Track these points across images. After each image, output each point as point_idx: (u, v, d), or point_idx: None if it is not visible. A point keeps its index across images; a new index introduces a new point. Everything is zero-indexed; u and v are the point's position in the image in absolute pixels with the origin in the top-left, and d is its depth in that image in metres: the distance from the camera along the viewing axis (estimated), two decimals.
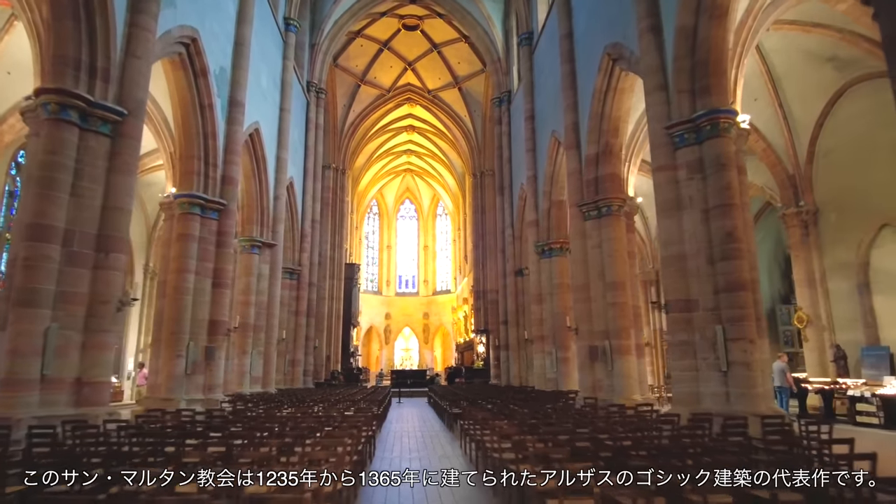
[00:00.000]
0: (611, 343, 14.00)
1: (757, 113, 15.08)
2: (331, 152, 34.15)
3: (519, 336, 23.74)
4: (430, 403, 21.42)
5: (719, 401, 9.05)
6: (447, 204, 52.19)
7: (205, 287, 13.67)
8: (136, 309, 23.11)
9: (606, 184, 14.80)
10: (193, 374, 13.05)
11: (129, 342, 23.26)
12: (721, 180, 9.57)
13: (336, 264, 33.38)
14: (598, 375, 14.19)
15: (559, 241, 19.39)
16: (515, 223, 24.58)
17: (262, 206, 18.97)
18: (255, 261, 18.66)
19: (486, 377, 30.90)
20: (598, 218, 14.81)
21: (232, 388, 17.55)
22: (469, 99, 36.00)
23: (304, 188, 24.52)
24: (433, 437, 11.96)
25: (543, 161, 19.98)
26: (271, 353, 18.95)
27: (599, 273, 14.55)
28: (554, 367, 18.71)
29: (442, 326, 50.92)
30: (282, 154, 20.30)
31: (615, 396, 13.54)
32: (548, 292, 19.39)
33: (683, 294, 9.79)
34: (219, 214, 14.23)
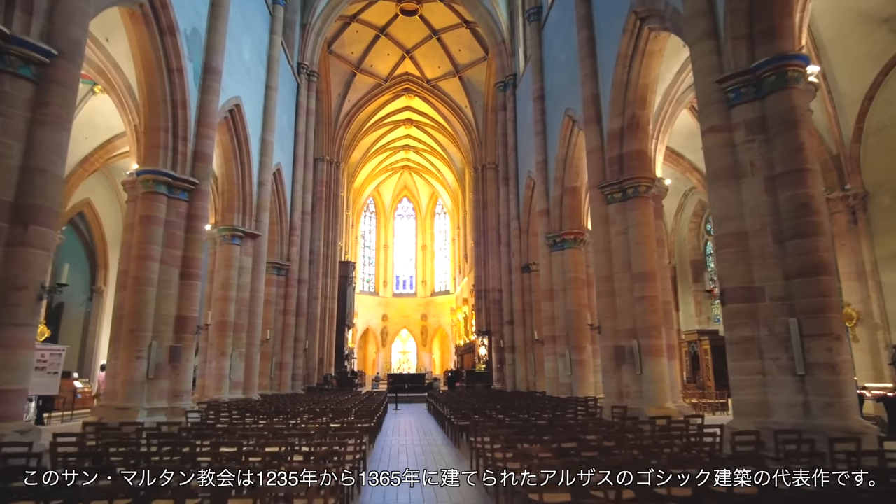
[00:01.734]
0: (639, 343, 12.20)
1: None
2: (324, 144, 32.42)
3: (526, 337, 21.92)
4: (430, 411, 19.56)
5: (795, 412, 7.23)
6: (446, 202, 50.41)
7: (171, 278, 11.83)
8: (110, 306, 21.20)
9: (632, 162, 13.01)
10: (156, 378, 11.19)
11: (101, 342, 21.38)
12: (791, 141, 7.78)
13: (330, 262, 31.58)
14: (625, 380, 12.37)
15: (573, 231, 17.59)
16: (522, 215, 22.79)
17: (245, 192, 17.13)
18: (236, 252, 16.81)
19: (488, 381, 29.10)
20: (623, 201, 13.02)
21: (210, 394, 15.74)
22: (470, 88, 34.23)
23: (294, 177, 22.68)
24: (436, 454, 10.10)
25: (555, 144, 18.19)
26: (253, 356, 17.08)
27: (625, 263, 12.75)
28: (568, 371, 16.88)
29: (441, 328, 49.10)
30: (267, 136, 18.48)
31: (645, 405, 11.74)
32: (560, 288, 17.58)
33: (744, 280, 7.98)
34: (189, 195, 12.40)
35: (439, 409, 15.65)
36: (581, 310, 17.18)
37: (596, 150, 13.85)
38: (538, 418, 10.89)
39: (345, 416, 10.78)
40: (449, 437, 12.27)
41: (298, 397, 17.93)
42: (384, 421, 16.41)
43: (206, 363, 16.36)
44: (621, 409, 11.44)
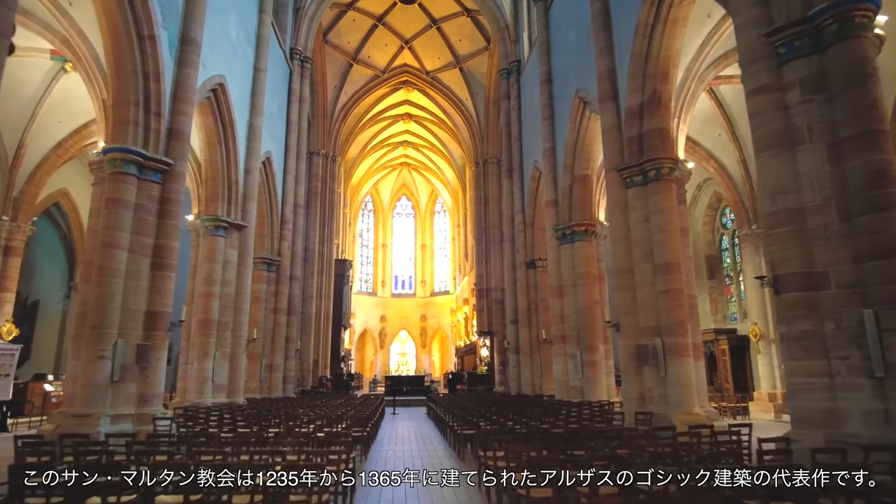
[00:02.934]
0: (663, 341, 10.94)
1: None
2: (320, 137, 31.23)
3: (532, 337, 20.65)
4: (430, 415, 18.29)
5: (874, 422, 5.98)
6: (446, 200, 49.20)
7: (141, 269, 10.58)
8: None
9: (654, 141, 11.77)
10: (122, 381, 9.92)
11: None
12: (859, 99, 6.55)
13: (325, 260, 30.38)
14: (648, 383, 11.10)
15: (583, 222, 16.34)
16: (527, 208, 21.54)
17: (230, 179, 15.88)
18: (221, 245, 15.54)
19: (490, 384, 27.91)
20: (644, 184, 11.77)
21: (192, 398, 14.49)
22: (471, 80, 33.01)
23: (286, 167, 21.42)
24: (438, 470, 8.84)
25: (563, 129, 16.95)
26: (239, 356, 15.80)
27: (646, 253, 11.50)
28: (579, 373, 15.63)
29: (440, 329, 47.84)
30: (255, 121, 17.22)
31: (670, 410, 10.50)
32: (570, 283, 16.32)
33: (803, 264, 6.74)
34: (163, 177, 11.15)
35: (440, 415, 14.39)
36: (593, 307, 15.94)
37: (613, 129, 12.62)
38: (552, 425, 9.67)
39: (335, 424, 9.52)
40: (451, 445, 11.00)
41: (289, 402, 16.66)
42: (381, 427, 15.15)
43: (188, 364, 15.09)
44: (645, 416, 10.18)
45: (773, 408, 16.64)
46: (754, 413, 16.96)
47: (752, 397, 17.61)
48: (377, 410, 14.11)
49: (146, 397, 10.26)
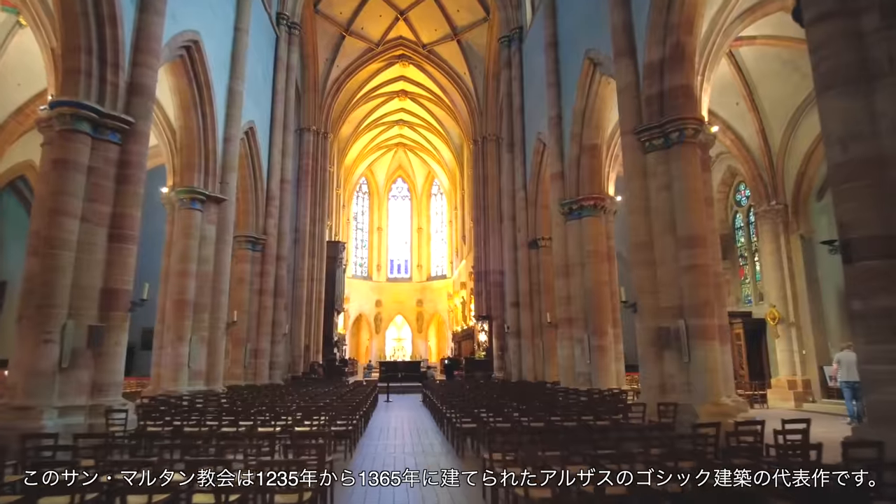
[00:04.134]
0: (687, 323, 9.74)
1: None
2: (311, 113, 29.81)
3: (534, 321, 19.46)
4: (426, 404, 17.14)
5: None
6: (443, 182, 47.79)
7: (96, 240, 9.27)
8: None
9: (676, 100, 10.47)
10: (73, 368, 8.66)
11: None
12: None
13: (317, 241, 29.12)
14: (669, 370, 9.90)
15: (592, 196, 15.08)
16: (529, 184, 20.23)
17: (207, 148, 14.50)
18: (197, 219, 14.21)
19: (489, 369, 26.77)
20: (666, 148, 10.50)
21: (166, 386, 13.27)
22: (469, 53, 31.47)
23: (272, 140, 20.01)
24: (436, 470, 7.64)
25: (571, 95, 15.61)
26: (218, 340, 14.54)
27: (668, 225, 10.26)
28: (586, 358, 14.45)
29: (437, 314, 46.70)
30: (235, 85, 15.80)
31: (694, 400, 9.33)
32: (577, 262, 15.09)
33: (880, 226, 5.50)
34: (122, 137, 9.80)
35: (436, 404, 13.22)
36: (601, 287, 14.74)
37: (629, 88, 11.31)
38: (564, 417, 8.49)
39: (314, 417, 8.30)
40: (449, 439, 9.80)
41: (274, 389, 15.47)
42: (372, 417, 13.99)
43: (162, 349, 13.85)
44: (668, 408, 8.99)
45: (792, 396, 15.53)
46: (772, 401, 15.87)
47: (770, 384, 16.49)
48: (368, 399, 12.91)
49: (102, 386, 9.00)
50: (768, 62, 15.18)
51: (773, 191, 16.92)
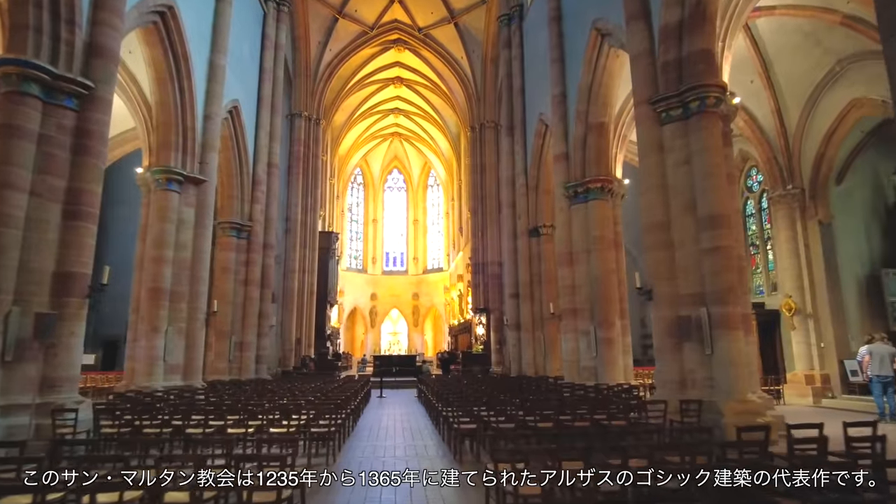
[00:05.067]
0: (709, 311, 8.77)
1: None
2: (303, 98, 28.75)
3: (535, 312, 18.49)
4: (421, 400, 16.18)
5: None
6: (439, 173, 46.72)
7: (48, 217, 8.25)
8: None
9: (696, 66, 9.48)
10: (18, 361, 7.66)
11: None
12: None
13: (309, 231, 28.10)
14: (689, 364, 8.94)
15: (599, 178, 14.08)
16: (530, 169, 19.21)
17: (185, 125, 13.46)
18: (174, 202, 13.18)
19: (487, 364, 25.90)
20: (685, 119, 9.51)
21: (140, 381, 12.27)
22: (467, 37, 30.37)
23: (259, 121, 18.92)
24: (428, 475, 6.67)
25: (577, 71, 14.59)
26: (196, 332, 13.52)
27: (687, 204, 9.28)
28: (592, 352, 13.49)
29: (433, 308, 45.76)
30: (217, 59, 14.73)
31: (718, 396, 8.38)
32: (582, 249, 14.11)
33: None
34: (80, 103, 8.77)
35: (432, 401, 12.24)
36: (609, 276, 13.78)
37: (644, 54, 10.31)
38: (574, 416, 7.53)
39: (297, 414, 7.32)
40: (445, 440, 8.83)
41: (260, 385, 14.51)
42: (363, 414, 13.01)
43: (136, 341, 12.84)
44: (691, 406, 8.03)
45: (810, 391, 14.60)
46: (789, 397, 14.94)
47: (785, 380, 15.57)
48: (357, 395, 11.92)
49: (53, 382, 7.99)
50: (788, 35, 14.17)
51: (788, 174, 15.95)
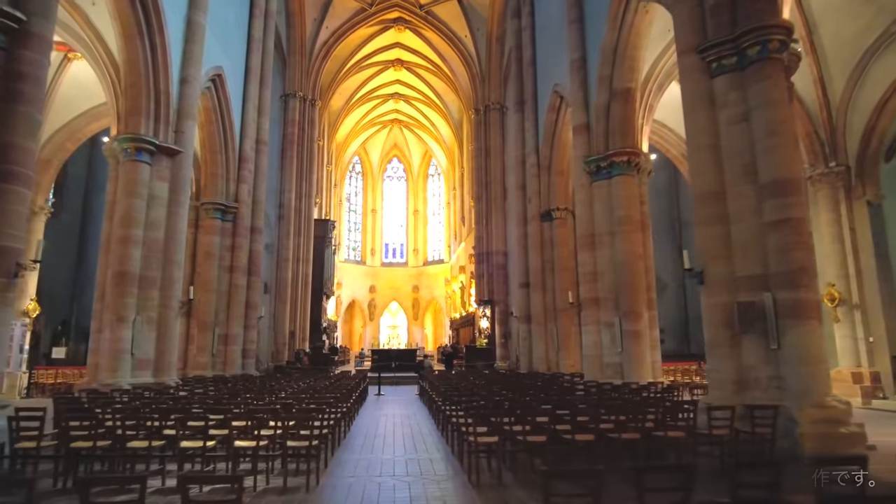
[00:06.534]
0: (775, 297, 7.23)
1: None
2: (297, 78, 27.16)
3: (547, 303, 16.96)
4: (423, 399, 14.68)
5: None
6: (440, 162, 45.13)
7: None
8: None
9: (755, 4, 7.90)
10: None
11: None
12: None
13: (303, 218, 26.60)
14: (749, 360, 7.40)
15: (625, 150, 12.52)
16: (542, 148, 17.62)
17: (157, 88, 11.87)
18: (144, 174, 11.62)
19: (491, 359, 24.43)
20: (741, 69, 7.95)
21: (103, 377, 10.75)
22: (471, 14, 28.74)
23: (246, 94, 17.30)
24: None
25: (598, 31, 13.00)
26: (170, 322, 11.96)
27: (745, 169, 7.73)
28: (617, 346, 11.96)
29: (434, 301, 44.29)
30: (196, 17, 13.11)
31: (789, 400, 6.85)
32: (606, 231, 12.55)
33: None
34: (8, 40, 7.20)
35: (436, 401, 10.72)
36: (635, 261, 12.24)
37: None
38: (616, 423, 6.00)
39: (275, 420, 5.78)
40: (455, 453, 7.28)
41: (247, 381, 12.98)
42: (358, 415, 11.50)
43: (100, 332, 11.29)
44: (762, 412, 6.48)
45: (859, 391, 13.09)
46: None
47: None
48: (350, 395, 10.36)
49: None
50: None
51: (831, 150, 14.39)
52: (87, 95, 16.18)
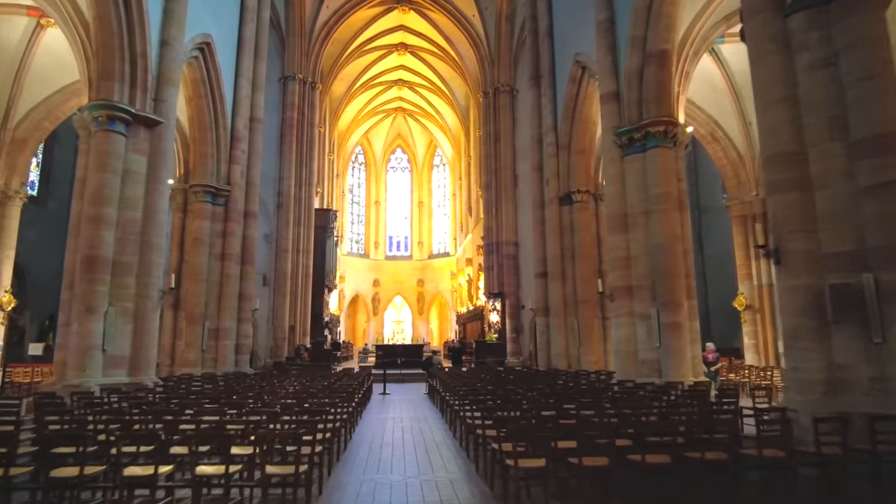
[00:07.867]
0: (877, 279, 5.82)
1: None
2: (296, 59, 25.79)
3: (566, 294, 15.53)
4: (433, 399, 13.33)
5: None
6: (446, 152, 43.68)
7: None
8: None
9: None
10: None
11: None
12: None
13: (303, 207, 25.26)
14: (840, 356, 5.99)
15: (661, 120, 11.05)
16: (560, 124, 16.16)
17: (133, 50, 10.47)
18: (118, 146, 10.24)
19: (502, 354, 23.09)
20: (826, 3, 6.51)
21: (70, 377, 9.44)
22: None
23: (238, 68, 15.86)
24: None
25: None
26: (148, 314, 10.58)
27: (832, 123, 6.30)
28: (654, 341, 10.54)
29: (439, 295, 42.95)
30: None
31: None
32: (640, 210, 11.11)
33: None
34: None
35: (449, 401, 9.35)
36: (674, 244, 10.82)
37: None
38: (690, 443, 4.61)
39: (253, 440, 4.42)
40: (479, 471, 5.93)
41: (238, 380, 11.66)
42: (361, 419, 10.15)
43: (67, 325, 9.95)
44: (887, 424, 5.08)
45: None
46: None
47: None
48: (352, 397, 8.98)
49: None
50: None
51: None
52: (65, 69, 14.76)
